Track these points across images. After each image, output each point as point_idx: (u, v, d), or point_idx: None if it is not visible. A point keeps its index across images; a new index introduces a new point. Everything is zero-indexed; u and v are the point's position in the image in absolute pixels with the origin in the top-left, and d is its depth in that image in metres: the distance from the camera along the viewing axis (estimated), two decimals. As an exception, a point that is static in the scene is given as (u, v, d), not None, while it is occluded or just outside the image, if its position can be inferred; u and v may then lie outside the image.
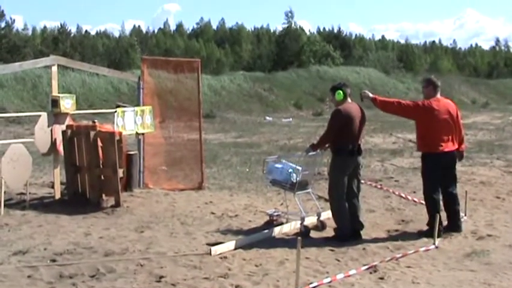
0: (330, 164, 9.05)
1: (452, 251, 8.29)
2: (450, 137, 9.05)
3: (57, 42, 66.18)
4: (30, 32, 72.86)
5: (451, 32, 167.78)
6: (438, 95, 9.19)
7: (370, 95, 9.29)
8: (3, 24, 64.31)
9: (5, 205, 10.41)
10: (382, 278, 7.08)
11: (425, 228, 9.13)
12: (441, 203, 9.16)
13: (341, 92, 8.88)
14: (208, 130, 26.56)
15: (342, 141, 8.74)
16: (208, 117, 33.75)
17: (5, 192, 10.49)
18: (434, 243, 8.45)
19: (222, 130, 30.73)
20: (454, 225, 9.22)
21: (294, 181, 9.22)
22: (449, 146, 9.01)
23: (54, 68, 11.34)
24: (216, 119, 37.50)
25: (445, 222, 9.18)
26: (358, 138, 8.85)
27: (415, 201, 11.43)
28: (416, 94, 60.72)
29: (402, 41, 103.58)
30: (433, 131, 8.92)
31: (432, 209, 8.97)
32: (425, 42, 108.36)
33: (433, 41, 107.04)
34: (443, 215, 9.13)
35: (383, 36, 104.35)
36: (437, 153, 8.94)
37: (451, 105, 9.29)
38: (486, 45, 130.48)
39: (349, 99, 8.94)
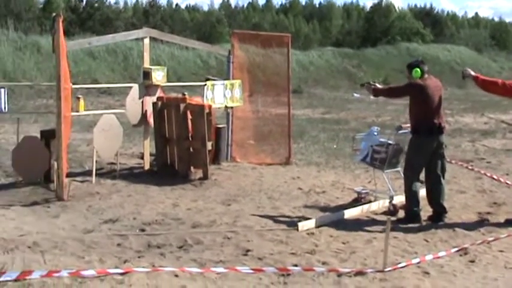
0: (408, 143, 8.84)
1: (548, 236, 8.01)
2: None
3: (148, 15, 66.74)
4: (121, 5, 73.97)
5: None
6: None
7: (472, 73, 8.88)
8: (96, -3, 65.51)
9: (96, 174, 10.63)
10: (472, 261, 6.91)
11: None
12: None
13: (418, 70, 8.55)
14: (295, 105, 26.33)
15: (420, 119, 8.48)
16: (295, 93, 33.43)
17: (96, 161, 10.70)
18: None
19: (309, 106, 30.56)
20: None
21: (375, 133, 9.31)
22: None
23: (146, 41, 11.44)
24: (303, 95, 37.27)
25: None
26: (438, 116, 8.54)
27: (507, 183, 11.12)
28: (510, 73, 59.10)
29: (496, 19, 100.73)
30: None
31: None
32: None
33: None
34: None
35: (476, 14, 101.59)
36: None
37: None
38: None
39: (426, 77, 8.65)
